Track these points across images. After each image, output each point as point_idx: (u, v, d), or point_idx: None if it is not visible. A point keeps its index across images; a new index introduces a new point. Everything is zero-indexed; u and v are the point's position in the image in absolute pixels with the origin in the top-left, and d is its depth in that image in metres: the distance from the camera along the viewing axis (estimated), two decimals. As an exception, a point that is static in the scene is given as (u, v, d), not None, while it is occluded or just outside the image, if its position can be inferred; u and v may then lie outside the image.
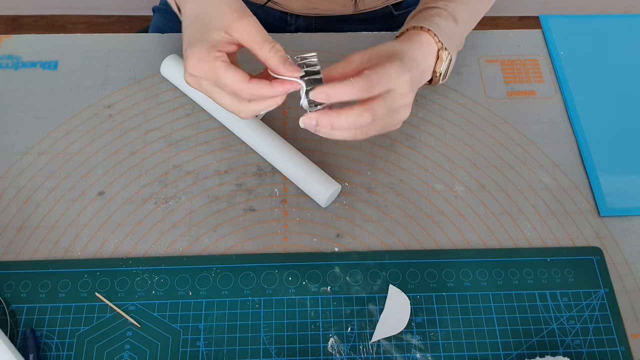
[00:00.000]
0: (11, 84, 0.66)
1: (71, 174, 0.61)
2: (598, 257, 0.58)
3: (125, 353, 0.52)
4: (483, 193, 0.61)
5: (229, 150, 0.63)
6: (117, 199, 0.60)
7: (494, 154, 0.64)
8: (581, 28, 0.73)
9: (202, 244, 0.58)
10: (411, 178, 0.62)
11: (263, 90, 0.48)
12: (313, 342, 0.53)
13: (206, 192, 0.60)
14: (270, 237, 0.58)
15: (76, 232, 0.58)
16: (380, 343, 0.53)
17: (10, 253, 0.57)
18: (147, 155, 0.62)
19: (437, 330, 0.54)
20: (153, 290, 0.55)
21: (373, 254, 0.57)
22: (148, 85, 0.67)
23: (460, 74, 0.69)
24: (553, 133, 0.65)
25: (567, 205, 0.61)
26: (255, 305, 0.55)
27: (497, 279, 0.57)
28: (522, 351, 0.53)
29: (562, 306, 0.55)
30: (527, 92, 0.68)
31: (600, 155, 0.64)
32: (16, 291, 0.55)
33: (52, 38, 0.70)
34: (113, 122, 0.64)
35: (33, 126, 0.64)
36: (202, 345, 0.53)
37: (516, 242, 0.59)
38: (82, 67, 0.68)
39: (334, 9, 0.77)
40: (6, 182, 0.60)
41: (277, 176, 0.62)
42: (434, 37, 0.57)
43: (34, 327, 0.53)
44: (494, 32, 0.73)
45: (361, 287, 0.56)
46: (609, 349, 0.54)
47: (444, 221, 0.60)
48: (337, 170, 0.62)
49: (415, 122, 0.66)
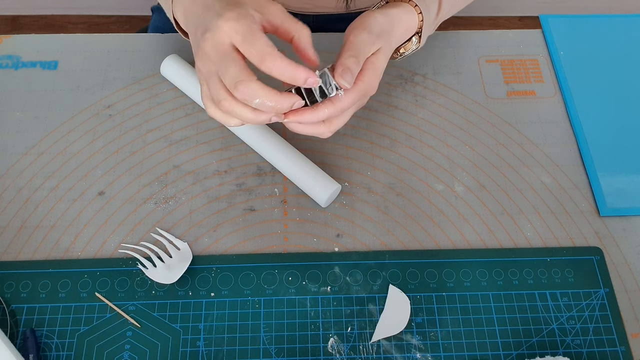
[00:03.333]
0: (11, 84, 0.66)
1: (71, 174, 0.61)
2: (598, 257, 0.58)
3: (125, 353, 0.52)
4: (483, 193, 0.61)
5: (229, 150, 0.63)
6: (117, 199, 0.60)
7: (494, 154, 0.64)
8: (581, 28, 0.73)
9: (202, 244, 0.58)
10: (411, 178, 0.62)
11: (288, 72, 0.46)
12: (313, 342, 0.53)
13: (206, 192, 0.60)
14: (270, 237, 0.58)
15: (76, 232, 0.58)
16: (380, 343, 0.53)
17: (10, 253, 0.57)
18: (147, 155, 0.62)
19: (437, 330, 0.54)
20: (153, 290, 0.55)
21: (373, 254, 0.57)
22: (148, 85, 0.67)
23: (460, 74, 0.69)
24: (553, 133, 0.65)
25: (567, 205, 0.61)
26: (255, 305, 0.55)
27: (497, 279, 0.57)
28: (522, 351, 0.53)
29: (562, 306, 0.55)
30: (527, 92, 0.68)
31: (600, 155, 0.64)
32: (16, 291, 0.55)
33: (52, 38, 0.70)
34: (113, 122, 0.64)
35: (33, 126, 0.64)
36: (202, 345, 0.53)
37: (516, 242, 0.59)
38: (82, 67, 0.68)
39: (327, 6, 0.77)
40: (6, 182, 0.60)
41: (277, 176, 0.62)
42: (419, 20, 0.57)
43: (34, 327, 0.53)
44: (494, 32, 0.73)
45: (361, 287, 0.56)
46: (609, 349, 0.54)
47: (444, 221, 0.60)
48: (337, 170, 0.62)
49: (415, 122, 0.66)
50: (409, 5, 0.56)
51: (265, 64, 0.46)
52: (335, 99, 0.49)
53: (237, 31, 0.46)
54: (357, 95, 0.50)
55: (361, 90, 0.51)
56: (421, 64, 0.69)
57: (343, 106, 0.50)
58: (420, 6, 0.57)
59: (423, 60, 0.70)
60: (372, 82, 0.51)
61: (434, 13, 0.59)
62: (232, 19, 0.46)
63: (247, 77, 0.46)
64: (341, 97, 0.49)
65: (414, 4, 0.57)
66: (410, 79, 0.68)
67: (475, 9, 1.64)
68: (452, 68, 0.69)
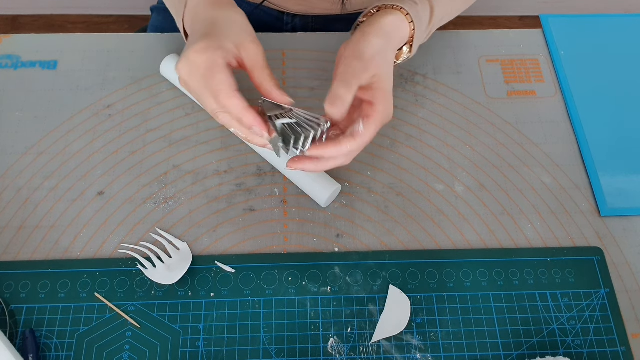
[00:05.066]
0: (11, 84, 0.66)
1: (71, 174, 0.61)
2: (599, 257, 0.58)
3: (125, 353, 0.52)
4: (483, 193, 0.61)
5: (228, 150, 0.63)
6: (117, 199, 0.60)
7: (494, 153, 0.64)
8: (581, 28, 0.73)
9: (202, 244, 0.58)
10: (411, 178, 0.62)
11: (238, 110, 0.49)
12: (313, 343, 0.53)
13: (206, 192, 0.60)
14: (270, 237, 0.58)
15: (76, 232, 0.58)
16: (380, 343, 0.53)
17: (9, 253, 0.57)
18: (147, 155, 0.62)
19: (437, 331, 0.54)
20: (153, 290, 0.55)
21: (373, 254, 0.57)
22: (148, 85, 0.67)
23: (461, 73, 0.69)
24: (553, 133, 0.65)
25: (568, 205, 0.61)
26: (255, 305, 0.55)
27: (497, 279, 0.56)
28: (523, 351, 0.53)
29: (562, 306, 0.55)
30: (528, 92, 0.68)
31: (600, 155, 0.64)
32: (15, 291, 0.55)
33: (51, 38, 0.70)
34: (113, 122, 0.64)
35: (32, 126, 0.64)
36: (201, 346, 0.53)
37: (517, 242, 0.59)
38: (82, 67, 0.68)
39: (325, 7, 0.77)
40: (5, 182, 0.60)
41: (277, 176, 0.61)
42: (410, 29, 0.57)
43: (34, 327, 0.53)
44: (494, 32, 0.73)
45: (361, 288, 0.56)
46: (609, 349, 0.53)
47: (444, 221, 0.60)
48: (337, 170, 0.62)
49: (415, 122, 0.65)
50: (400, 14, 0.56)
51: (219, 100, 0.49)
52: (356, 134, 0.50)
53: (199, 65, 0.49)
54: (376, 127, 0.52)
55: (379, 122, 0.52)
56: (421, 64, 0.69)
57: (365, 141, 0.51)
58: (412, 14, 0.56)
59: (423, 60, 0.70)
60: (387, 110, 0.52)
61: (426, 21, 0.59)
62: (199, 52, 0.49)
63: (219, 109, 0.49)
64: (362, 132, 0.50)
65: (405, 12, 0.56)
66: (411, 79, 0.68)
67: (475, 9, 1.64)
68: (452, 68, 0.69)
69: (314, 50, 0.70)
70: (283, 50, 0.69)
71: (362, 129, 0.50)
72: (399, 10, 0.56)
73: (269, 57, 0.49)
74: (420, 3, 0.57)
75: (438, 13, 0.60)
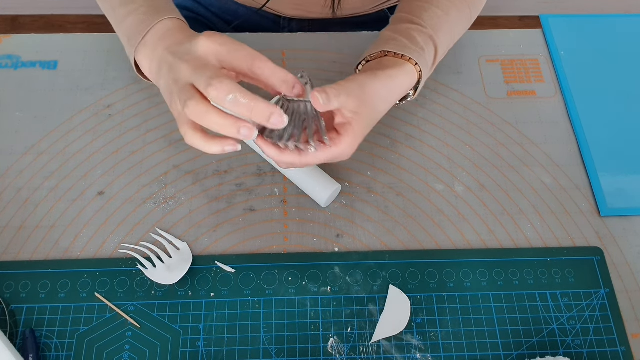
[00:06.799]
0: (11, 84, 0.66)
1: (71, 174, 0.61)
2: (598, 257, 0.58)
3: (125, 353, 0.52)
4: (483, 193, 0.61)
5: (228, 150, 0.63)
6: (117, 199, 0.60)
7: (494, 153, 0.64)
8: (581, 28, 0.73)
9: (202, 244, 0.58)
10: (411, 178, 0.62)
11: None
12: (313, 343, 0.53)
13: (206, 192, 0.60)
14: (270, 237, 0.58)
15: (76, 232, 0.58)
16: (380, 343, 0.53)
17: (9, 253, 0.57)
18: (147, 155, 0.62)
19: (437, 331, 0.54)
20: (153, 290, 0.55)
21: (373, 254, 0.57)
22: (147, 85, 0.67)
23: (461, 73, 0.69)
24: (553, 133, 0.65)
25: (568, 205, 0.61)
26: (255, 305, 0.55)
27: (497, 279, 0.57)
28: (523, 351, 0.53)
29: (562, 306, 0.55)
30: (528, 92, 0.68)
31: (600, 155, 0.64)
32: (16, 291, 0.55)
33: (51, 38, 0.70)
34: (113, 122, 0.64)
35: (32, 126, 0.64)
36: (201, 346, 0.53)
37: (516, 242, 0.59)
38: (82, 67, 0.68)
39: (319, 11, 0.77)
40: (5, 182, 0.60)
41: (277, 176, 0.61)
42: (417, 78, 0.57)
43: (34, 327, 0.53)
44: (494, 32, 0.73)
45: (361, 287, 0.56)
46: (609, 349, 0.53)
47: (444, 221, 0.60)
48: (337, 170, 0.62)
49: (415, 122, 0.65)
50: (409, 64, 0.56)
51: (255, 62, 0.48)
52: (303, 153, 0.49)
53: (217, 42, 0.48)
54: (327, 158, 0.50)
55: (333, 155, 0.50)
56: (421, 64, 0.69)
57: (308, 161, 0.50)
58: (420, 64, 0.56)
59: (423, 60, 0.70)
60: (346, 150, 0.51)
61: (431, 63, 0.59)
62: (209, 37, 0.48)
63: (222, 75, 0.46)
64: (312, 152, 0.49)
65: (414, 62, 0.56)
66: (411, 79, 0.68)
67: (475, 9, 1.64)
68: (452, 68, 0.69)
69: (314, 50, 0.70)
70: (283, 50, 0.69)
71: (314, 151, 0.49)
72: (407, 61, 0.56)
73: (269, 57, 0.49)
74: (426, 47, 0.58)
75: (441, 51, 0.60)
